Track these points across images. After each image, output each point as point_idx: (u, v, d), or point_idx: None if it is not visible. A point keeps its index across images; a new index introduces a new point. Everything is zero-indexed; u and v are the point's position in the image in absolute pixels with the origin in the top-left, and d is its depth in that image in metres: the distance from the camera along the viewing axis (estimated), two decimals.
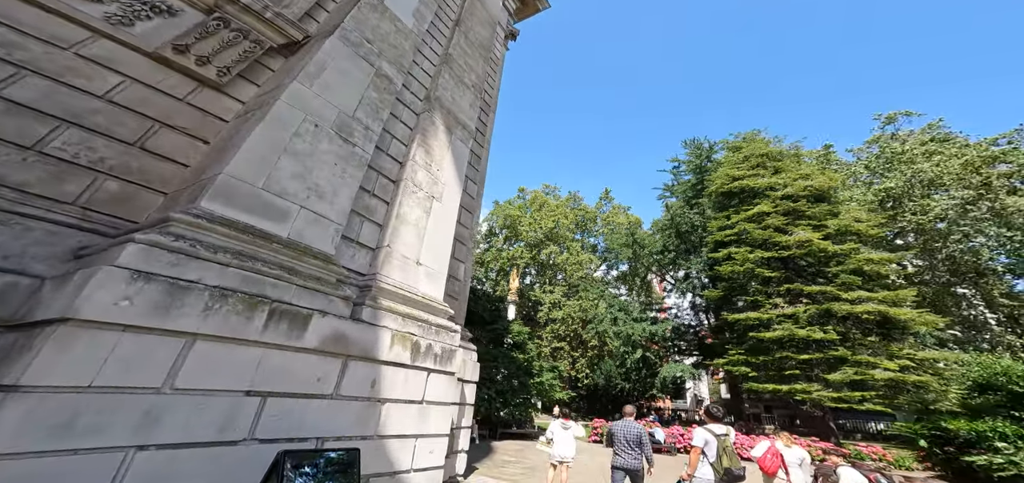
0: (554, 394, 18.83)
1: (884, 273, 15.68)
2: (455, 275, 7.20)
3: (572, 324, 31.64)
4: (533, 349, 19.95)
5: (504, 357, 15.61)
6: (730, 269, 16.69)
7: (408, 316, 4.60)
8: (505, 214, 48.04)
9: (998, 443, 7.13)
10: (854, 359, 13.24)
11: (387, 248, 4.85)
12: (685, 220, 22.68)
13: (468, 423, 6.86)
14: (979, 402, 10.55)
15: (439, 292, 5.56)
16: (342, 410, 3.37)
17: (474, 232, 9.37)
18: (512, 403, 15.19)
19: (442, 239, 5.99)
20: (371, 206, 5.09)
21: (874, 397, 12.60)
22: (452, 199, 6.66)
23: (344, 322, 3.55)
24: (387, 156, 5.76)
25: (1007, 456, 6.93)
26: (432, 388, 4.70)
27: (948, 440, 8.19)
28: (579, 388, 33.15)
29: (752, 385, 15.28)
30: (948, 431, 8.15)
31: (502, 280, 42.82)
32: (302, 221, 3.69)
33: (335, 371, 3.35)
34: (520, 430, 15.28)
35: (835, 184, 18.14)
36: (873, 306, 13.53)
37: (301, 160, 3.95)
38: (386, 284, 4.50)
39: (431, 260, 5.56)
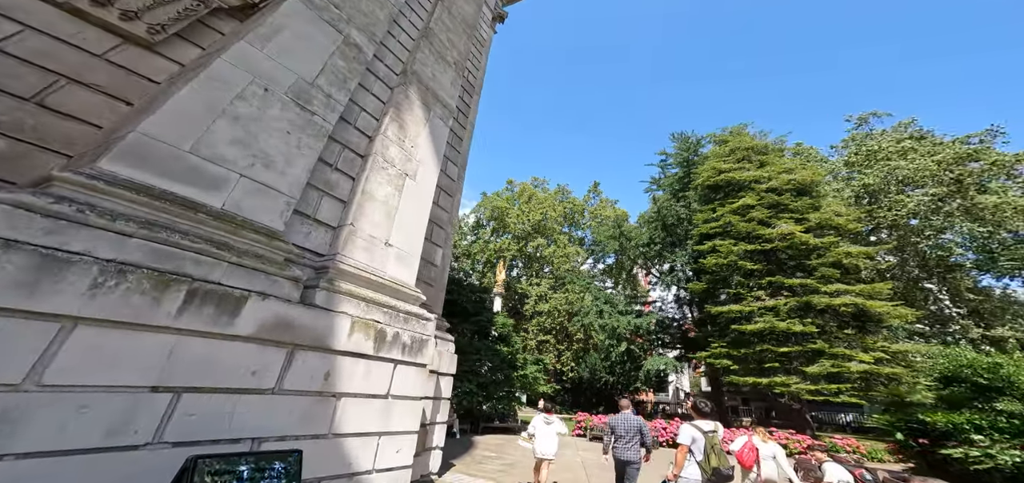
0: (538, 387, 18.62)
1: (861, 266, 15.91)
2: (431, 260, 6.78)
3: (558, 317, 31.53)
4: (518, 342, 19.69)
5: (488, 350, 15.28)
6: (714, 261, 16.68)
7: (372, 302, 4.17)
8: (493, 206, 47.54)
9: (974, 436, 7.17)
10: (831, 352, 13.38)
11: (350, 227, 4.39)
12: (672, 212, 22.64)
13: (444, 418, 6.49)
14: (946, 394, 10.72)
15: (410, 276, 5.13)
16: (285, 407, 2.93)
17: (454, 217, 8.92)
18: (495, 396, 14.89)
19: (415, 219, 5.55)
20: (333, 181, 4.61)
21: (849, 389, 12.76)
22: (428, 178, 6.21)
23: (292, 307, 3.11)
24: (354, 129, 5.27)
25: (983, 449, 6.96)
26: (399, 381, 4.30)
27: (924, 433, 8.25)
28: (564, 381, 33.14)
29: (733, 378, 15.35)
30: (924, 424, 8.19)
31: (488, 272, 42.48)
32: (242, 191, 3.20)
33: (278, 362, 2.91)
34: (503, 424, 15.00)
35: (818, 179, 18.30)
36: (850, 299, 13.68)
37: (244, 125, 3.45)
38: (347, 266, 4.05)
39: (402, 241, 5.12)
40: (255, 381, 2.73)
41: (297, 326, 3.09)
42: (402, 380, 4.34)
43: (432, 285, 6.70)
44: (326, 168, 4.57)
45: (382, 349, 4.07)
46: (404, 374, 4.39)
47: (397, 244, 5.06)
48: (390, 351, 4.19)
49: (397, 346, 4.30)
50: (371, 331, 3.96)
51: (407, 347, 4.45)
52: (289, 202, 3.64)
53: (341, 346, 3.54)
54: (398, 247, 5.05)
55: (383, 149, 5.41)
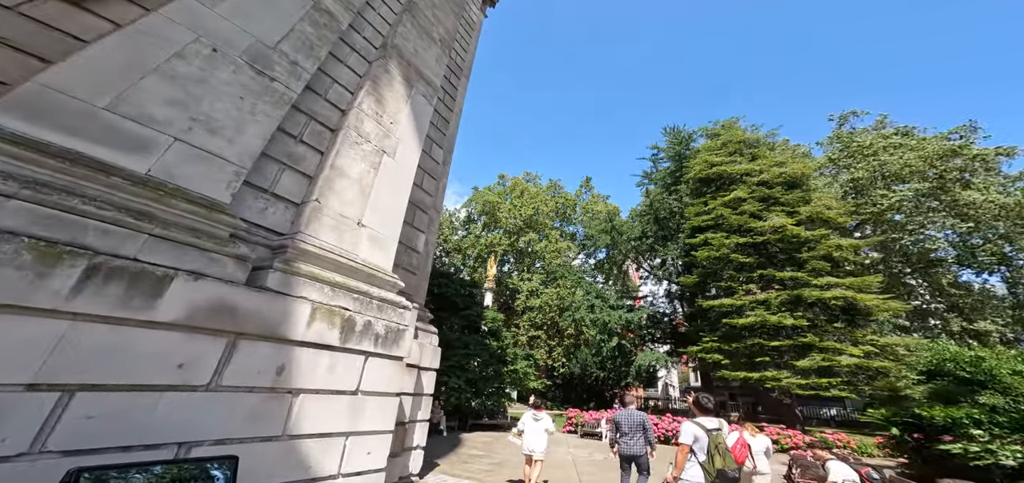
0: (528, 383, 18.30)
1: (851, 259, 15.89)
2: (412, 246, 6.34)
3: (549, 312, 31.27)
4: (509, 337, 19.35)
5: (477, 344, 14.89)
6: (706, 254, 16.51)
7: (340, 287, 3.73)
8: (484, 200, 47.00)
9: (973, 431, 7.02)
10: (821, 345, 13.30)
11: (315, 203, 3.94)
12: (664, 206, 22.46)
13: (426, 416, 6.08)
14: (929, 387, 10.66)
15: (387, 261, 4.69)
16: (225, 405, 2.50)
17: (439, 201, 8.47)
18: (484, 392, 14.53)
19: (394, 200, 5.11)
20: (297, 154, 4.14)
21: (840, 383, 12.70)
22: (408, 157, 5.75)
23: (235, 289, 2.66)
24: (324, 101, 4.80)
25: (983, 444, 6.81)
26: (371, 375, 3.88)
27: (919, 427, 8.11)
28: (555, 377, 32.94)
29: (724, 372, 15.23)
30: (920, 418, 8.04)
31: (479, 267, 42.04)
32: (176, 156, 2.74)
33: (215, 353, 2.47)
34: (492, 421, 14.65)
35: (809, 172, 18.24)
36: (841, 292, 13.62)
37: (183, 85, 2.98)
38: (310, 245, 3.60)
39: (378, 223, 4.68)
40: (182, 376, 2.28)
41: (242, 312, 2.65)
42: (375, 374, 3.92)
43: (414, 273, 6.27)
44: (289, 139, 4.10)
45: (350, 340, 3.65)
46: (377, 368, 3.97)
47: (372, 225, 4.62)
48: (360, 342, 3.76)
49: (369, 336, 3.87)
50: (337, 319, 3.53)
51: (381, 338, 4.03)
52: (238, 172, 3.18)
53: (299, 335, 3.11)
54: (373, 228, 4.61)
55: (357, 123, 4.95)
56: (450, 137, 9.10)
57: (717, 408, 3.50)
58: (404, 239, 6.20)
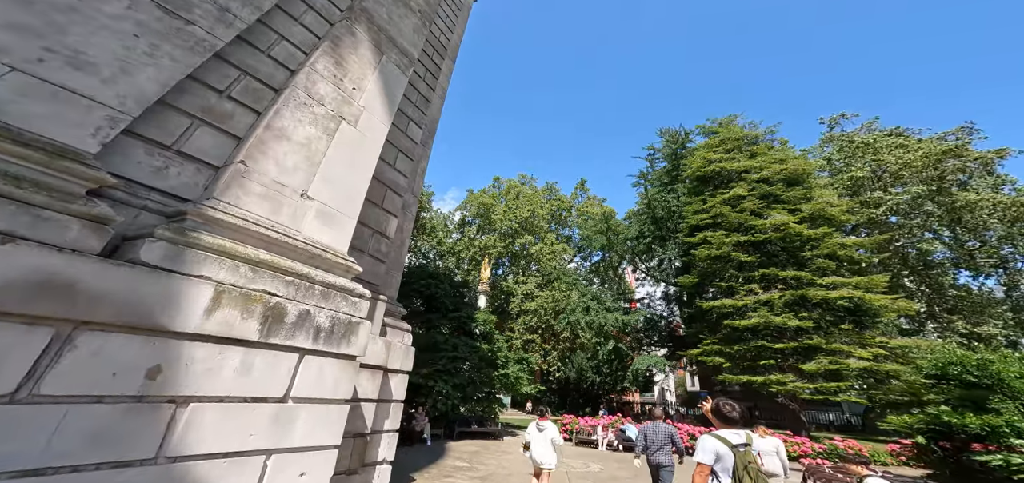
0: (521, 388, 17.48)
1: (856, 259, 15.29)
2: (381, 229, 5.56)
3: (544, 316, 30.48)
4: (501, 340, 18.55)
5: (466, 347, 14.07)
6: (706, 253, 15.84)
7: (265, 266, 2.97)
8: (479, 203, 46.26)
9: (1014, 439, 6.32)
10: (829, 348, 12.64)
11: (240, 166, 3.17)
12: (661, 204, 21.81)
13: (394, 425, 5.29)
14: (936, 391, 10.23)
15: (340, 241, 3.93)
16: (44, 422, 1.74)
17: (417, 185, 7.69)
18: (473, 398, 13.70)
19: (353, 173, 4.35)
20: (222, 110, 3.38)
21: (848, 387, 12.03)
22: (375, 128, 4.99)
23: (79, 261, 1.91)
24: (267, 56, 4.04)
25: None
26: (307, 378, 3.10)
27: (947, 435, 7.42)
28: (550, 382, 32.10)
29: (726, 376, 14.51)
30: (949, 426, 7.34)
31: (473, 270, 41.21)
32: (8, 88, 2.00)
33: (29, 350, 1.71)
34: (481, 428, 13.81)
35: (810, 169, 17.70)
36: (847, 292, 12.98)
37: (36, 10, 2.25)
38: (223, 214, 2.83)
39: (330, 196, 3.92)
40: None
41: (87, 292, 1.89)
42: (313, 376, 3.15)
43: (382, 260, 5.50)
44: (210, 93, 3.34)
45: (277, 333, 2.88)
46: (317, 368, 3.20)
47: (322, 198, 3.87)
48: (292, 336, 2.99)
49: (306, 330, 3.10)
50: (256, 307, 2.76)
51: (324, 332, 3.26)
52: (114, 118, 2.42)
53: (192, 327, 2.34)
54: (323, 202, 3.86)
55: (308, 83, 4.21)
56: (431, 118, 8.38)
57: (744, 416, 2.77)
58: (371, 221, 5.46)
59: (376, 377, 4.76)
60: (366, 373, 4.55)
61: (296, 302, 3.10)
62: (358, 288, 3.79)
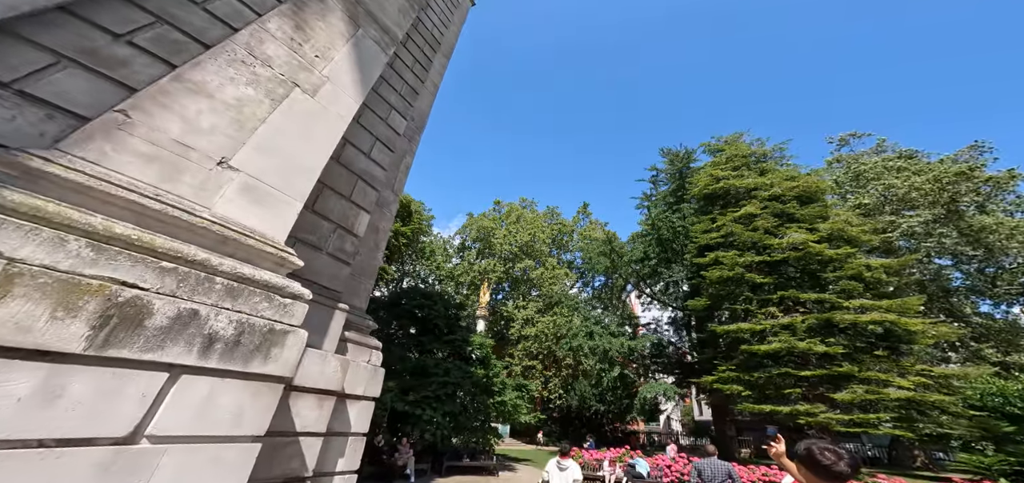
0: (520, 416, 16.02)
1: (885, 280, 14.14)
2: (346, 225, 4.54)
3: (545, 341, 29.01)
4: (499, 365, 17.23)
5: (458, 371, 12.80)
6: (717, 274, 14.72)
7: (122, 244, 1.95)
8: (479, 226, 45.38)
9: None
10: (863, 376, 11.34)
11: (117, 116, 2.20)
12: (667, 225, 20.84)
13: (351, 465, 4.08)
14: (977, 424, 9.21)
15: (275, 227, 2.90)
16: None
17: (398, 183, 6.74)
18: (467, 427, 12.33)
19: (305, 148, 3.36)
20: (112, 55, 2.41)
21: (889, 419, 10.70)
22: (341, 103, 4.04)
23: None
24: (201, 9, 3.19)
25: None
26: (181, 408, 2.02)
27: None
28: (551, 410, 30.25)
29: (746, 406, 13.06)
30: None
31: (472, 295, 39.93)
32: None
33: None
34: (474, 462, 12.32)
35: (824, 187, 16.82)
36: (879, 315, 11.79)
37: None
38: (59, 168, 1.84)
39: (266, 170, 2.91)
40: None
41: None
42: (194, 405, 2.03)
43: (347, 262, 4.46)
44: (96, 33, 2.41)
45: (124, 342, 1.83)
46: (203, 393, 2.08)
47: (252, 171, 2.85)
48: (157, 347, 1.90)
49: (187, 338, 2.02)
50: (87, 301, 1.72)
51: (221, 342, 2.18)
52: None
53: None
54: (252, 175, 2.84)
55: (252, 41, 3.27)
56: (420, 113, 7.55)
57: (855, 465, 1.73)
58: (333, 214, 4.46)
59: (325, 404, 3.65)
60: (308, 400, 3.45)
61: (175, 299, 2.02)
62: (290, 286, 2.73)
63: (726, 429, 20.30)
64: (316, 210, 4.32)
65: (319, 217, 4.29)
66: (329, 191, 4.58)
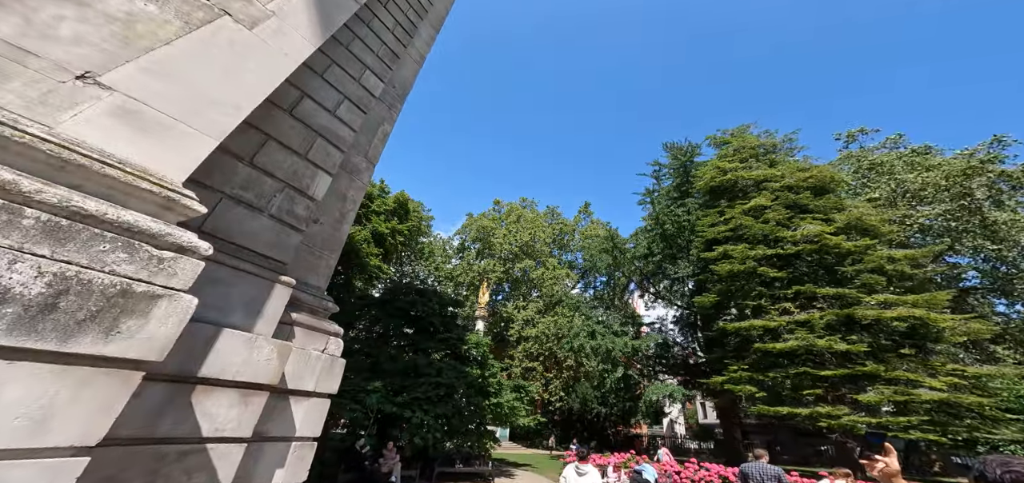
0: (518, 418, 15.13)
1: (909, 273, 13.22)
2: (301, 187, 3.66)
3: (546, 342, 28.12)
4: (496, 366, 16.39)
5: (452, 371, 11.93)
6: (726, 268, 13.83)
7: None
8: (478, 226, 44.61)
9: None
10: (889, 376, 10.46)
11: None
12: (672, 219, 19.94)
13: (297, 477, 3.25)
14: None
15: (166, 162, 2.02)
16: None
17: (373, 150, 5.94)
18: (460, 431, 11.48)
19: (226, 82, 2.52)
20: None
21: (921, 422, 9.79)
22: (287, 41, 3.26)
23: None
24: None
25: None
26: None
27: None
28: (552, 412, 29.32)
29: (761, 408, 12.09)
30: None
31: (472, 296, 39.12)
32: None
33: None
34: (467, 468, 11.43)
35: (839, 178, 15.94)
36: (905, 311, 10.90)
37: None
38: None
39: (157, 95, 2.02)
40: None
41: None
42: None
43: (296, 228, 3.62)
44: None
45: None
46: None
47: (137, 94, 2.01)
48: None
49: None
50: None
51: (16, 306, 1.42)
52: None
53: None
54: (136, 98, 2.01)
55: None
56: (402, 81, 6.75)
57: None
58: (281, 172, 3.63)
59: (253, 402, 2.81)
60: (224, 395, 2.62)
61: None
62: (172, 234, 1.88)
63: (734, 432, 19.37)
64: (256, 164, 3.48)
65: (260, 172, 3.45)
66: (275, 144, 3.74)
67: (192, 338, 2.38)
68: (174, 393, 2.29)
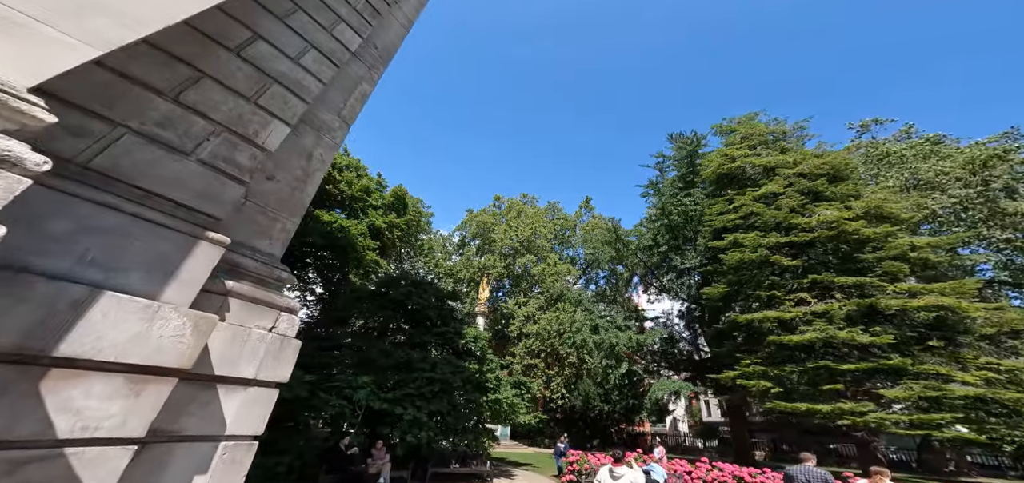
0: (518, 416, 14.41)
1: (933, 261, 12.38)
2: (246, 133, 2.85)
3: (548, 339, 27.39)
4: (495, 361, 15.70)
5: (447, 365, 11.21)
6: (737, 257, 13.04)
7: None
8: (478, 222, 43.94)
9: None
10: (917, 370, 9.70)
11: None
12: (679, 209, 19.14)
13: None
14: None
15: (12, 69, 1.47)
16: None
17: (349, 109, 5.22)
18: (456, 429, 10.78)
19: None
20: None
21: (954, 420, 9.04)
22: None
23: None
24: None
25: None
26: None
27: None
28: (553, 410, 28.61)
29: (778, 404, 11.29)
30: None
31: (471, 291, 38.50)
32: None
33: None
34: (464, 468, 10.71)
35: (855, 165, 15.14)
36: (933, 299, 10.10)
37: None
38: None
39: None
40: None
41: None
42: None
43: (238, 180, 2.92)
44: None
45: None
46: None
47: None
48: None
49: None
50: None
51: None
52: None
53: None
54: None
55: None
56: (384, 42, 6.00)
57: None
58: (219, 115, 2.92)
59: (147, 391, 2.09)
60: (102, 382, 1.92)
61: None
62: None
63: (743, 431, 18.62)
64: (183, 101, 2.78)
65: (187, 110, 2.75)
66: (213, 83, 3.03)
67: (43, 299, 1.67)
68: (7, 378, 1.59)
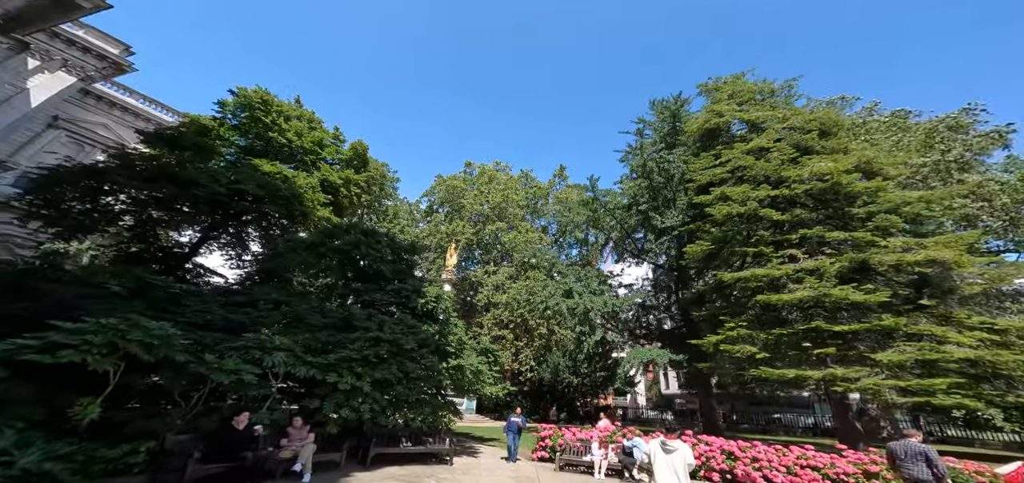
0: (484, 386, 13.08)
1: (927, 215, 11.94)
2: None
3: (517, 309, 26.26)
4: (460, 326, 14.21)
5: (399, 326, 9.49)
6: (726, 211, 12.06)
7: None
8: (448, 186, 41.61)
9: None
10: (911, 330, 9.17)
11: None
12: (660, 166, 18.05)
13: None
14: None
15: None
16: None
17: None
18: (409, 401, 9.20)
19: None
20: None
21: (951, 385, 8.56)
22: None
23: None
24: None
25: None
26: None
27: None
28: (522, 383, 27.85)
29: (764, 370, 10.54)
30: None
31: (439, 258, 36.62)
32: None
33: None
34: (416, 446, 9.19)
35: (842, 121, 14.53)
36: (930, 253, 9.53)
37: None
38: None
39: None
40: None
41: None
42: None
43: None
44: None
45: None
46: None
47: None
48: None
49: None
50: None
51: None
52: None
53: None
54: None
55: None
56: None
57: None
58: None
59: None
60: None
61: None
62: None
63: (709, 402, 18.47)
64: None
65: None
66: None
67: None
68: None
